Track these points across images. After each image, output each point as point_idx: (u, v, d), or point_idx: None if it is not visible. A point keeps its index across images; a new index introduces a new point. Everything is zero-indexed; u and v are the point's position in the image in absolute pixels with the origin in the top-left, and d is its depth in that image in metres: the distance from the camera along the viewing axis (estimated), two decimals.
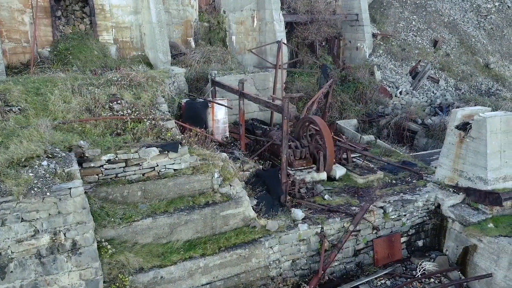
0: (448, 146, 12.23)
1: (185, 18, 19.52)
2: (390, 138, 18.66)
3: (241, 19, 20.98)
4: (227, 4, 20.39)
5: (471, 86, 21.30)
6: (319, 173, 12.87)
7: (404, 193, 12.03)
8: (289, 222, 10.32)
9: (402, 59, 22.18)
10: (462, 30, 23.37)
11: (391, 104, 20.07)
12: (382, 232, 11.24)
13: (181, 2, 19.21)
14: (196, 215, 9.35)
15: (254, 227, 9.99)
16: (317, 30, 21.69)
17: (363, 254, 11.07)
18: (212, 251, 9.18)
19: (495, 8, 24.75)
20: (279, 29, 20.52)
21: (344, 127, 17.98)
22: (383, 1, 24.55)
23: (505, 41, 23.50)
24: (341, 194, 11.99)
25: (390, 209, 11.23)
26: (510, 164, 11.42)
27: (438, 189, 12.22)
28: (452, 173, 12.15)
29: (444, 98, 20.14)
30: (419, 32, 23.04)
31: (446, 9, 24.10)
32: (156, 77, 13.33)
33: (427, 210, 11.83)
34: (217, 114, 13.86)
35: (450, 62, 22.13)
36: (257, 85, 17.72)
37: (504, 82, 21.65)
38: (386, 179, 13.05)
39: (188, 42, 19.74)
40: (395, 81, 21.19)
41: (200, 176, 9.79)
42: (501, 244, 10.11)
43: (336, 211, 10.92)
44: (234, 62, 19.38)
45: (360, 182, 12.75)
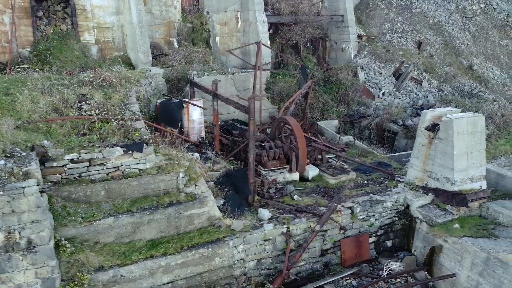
0: (418, 147, 12.31)
1: (167, 19, 19.61)
2: (371, 139, 18.76)
3: (224, 20, 21.07)
4: (211, 5, 20.48)
5: (454, 88, 21.38)
6: (291, 174, 12.95)
7: (374, 194, 12.10)
8: (255, 222, 10.39)
9: (386, 60, 22.27)
10: (447, 31, 23.46)
11: (373, 105, 20.14)
12: (350, 232, 11.31)
13: (164, 3, 19.31)
14: (159, 215, 9.43)
15: (219, 227, 10.06)
16: (301, 31, 21.78)
17: (330, 254, 11.14)
18: (174, 250, 9.25)
19: (480, 10, 24.83)
20: (262, 30, 20.61)
21: (325, 127, 18.06)
22: (369, 3, 24.65)
23: (489, 43, 23.58)
24: (311, 195, 12.07)
25: (358, 209, 11.30)
26: (477, 165, 11.51)
27: (409, 190, 12.30)
28: (422, 174, 12.24)
29: (426, 99, 20.22)
30: (403, 34, 23.13)
31: (431, 11, 24.19)
32: (131, 77, 13.44)
33: (396, 210, 11.91)
34: (192, 115, 13.94)
35: (434, 63, 22.22)
36: (238, 86, 17.80)
37: (487, 84, 21.73)
38: (358, 180, 13.13)
39: (171, 42, 19.83)
40: (378, 82, 21.28)
41: (165, 176, 9.87)
42: (464, 245, 10.18)
43: (304, 211, 11.00)
44: (216, 62, 19.46)
45: (332, 182, 12.83)
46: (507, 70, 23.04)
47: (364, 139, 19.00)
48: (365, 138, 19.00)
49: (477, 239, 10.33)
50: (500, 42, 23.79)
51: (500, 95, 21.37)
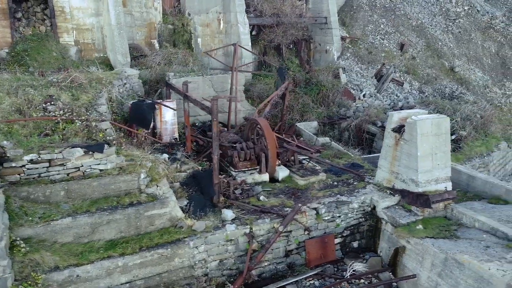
0: (386, 149, 12.37)
1: (148, 20, 19.69)
2: (350, 140, 18.83)
3: (206, 22, 21.14)
4: (192, 6, 20.56)
5: (435, 89, 21.45)
6: (261, 175, 13.00)
7: (342, 195, 12.15)
8: (217, 223, 10.44)
9: (369, 62, 22.34)
10: (430, 33, 23.54)
11: (354, 106, 20.21)
12: (315, 233, 11.36)
13: (144, 4, 19.38)
14: (119, 215, 9.47)
15: (181, 227, 10.11)
16: (283, 33, 21.85)
17: (295, 254, 11.18)
18: (133, 251, 9.30)
19: (464, 12, 24.92)
20: (243, 31, 20.69)
21: (303, 129, 18.11)
22: (353, 5, 24.73)
23: (472, 45, 23.66)
24: (278, 196, 12.12)
25: (323, 210, 11.35)
26: (442, 166, 11.57)
27: (376, 191, 12.36)
28: (389, 175, 12.29)
29: (407, 101, 20.29)
30: (386, 36, 23.21)
31: (415, 13, 24.28)
32: (102, 78, 13.50)
33: (363, 211, 11.96)
34: (165, 116, 14.00)
35: (416, 65, 22.30)
36: (216, 87, 17.86)
37: (468, 86, 21.80)
38: (328, 181, 13.18)
39: (152, 44, 19.91)
40: (359, 84, 21.35)
41: (126, 176, 9.92)
42: (425, 246, 10.23)
43: (268, 212, 11.05)
44: (197, 64, 19.51)
45: (301, 183, 12.89)
46: (489, 72, 23.12)
47: (344, 141, 19.07)
48: (344, 140, 19.07)
49: (438, 240, 10.38)
50: (483, 44, 23.87)
51: (481, 97, 21.46)
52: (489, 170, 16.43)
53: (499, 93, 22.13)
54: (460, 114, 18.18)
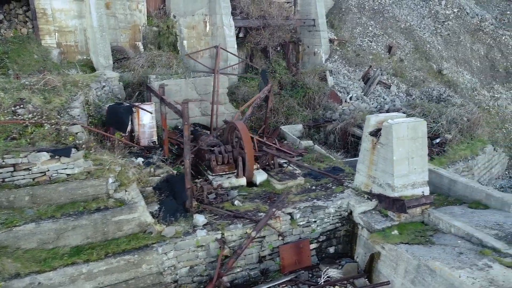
0: (363, 153, 12.21)
1: (132, 23, 19.54)
2: (336, 144, 18.67)
3: (192, 24, 21.01)
4: (177, 9, 20.42)
5: (423, 92, 21.29)
6: (238, 179, 12.83)
7: (318, 199, 11.98)
8: (188, 228, 10.27)
9: (356, 65, 22.20)
10: (418, 36, 23.41)
11: (340, 109, 20.05)
12: (290, 238, 11.18)
13: (128, 6, 19.24)
14: (85, 221, 9.30)
15: (150, 233, 9.94)
16: (270, 35, 21.71)
17: (268, 260, 11.00)
18: (98, 257, 9.11)
19: (453, 14, 24.79)
20: (229, 34, 20.55)
21: (287, 132, 17.95)
22: (342, 7, 24.61)
23: (461, 47, 23.51)
24: (254, 200, 11.94)
25: (298, 215, 11.18)
26: (419, 171, 11.40)
27: (354, 196, 12.18)
28: (367, 180, 12.12)
29: (393, 103, 20.13)
30: (374, 38, 23.07)
31: (403, 15, 24.15)
32: (78, 81, 13.33)
33: (339, 216, 11.78)
34: (143, 119, 13.83)
35: (404, 67, 22.16)
36: (199, 90, 17.71)
37: (456, 88, 21.64)
38: (306, 185, 13.01)
39: (137, 46, 19.75)
40: (346, 87, 21.20)
41: (94, 181, 9.74)
42: (399, 252, 10.05)
43: (241, 217, 10.87)
44: (181, 66, 19.36)
45: (278, 188, 12.71)
46: (478, 75, 22.97)
47: (329, 144, 18.92)
48: (330, 143, 18.92)
49: (413, 246, 10.20)
50: (472, 47, 23.72)
51: (469, 100, 21.31)
52: (473, 174, 16.26)
53: (488, 96, 21.97)
54: (446, 117, 18.02)
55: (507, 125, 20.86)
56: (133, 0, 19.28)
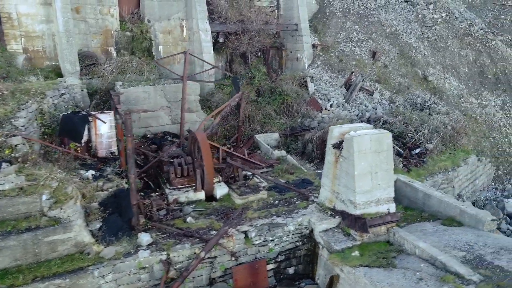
0: (327, 166, 11.47)
1: (104, 27, 18.92)
2: (313, 153, 17.89)
3: (168, 29, 20.38)
4: (152, 13, 19.80)
5: (407, 99, 20.53)
6: (196, 193, 12.11)
7: (279, 216, 11.22)
8: (130, 248, 9.54)
9: (339, 71, 21.47)
10: (403, 41, 22.67)
11: (319, 117, 19.31)
12: (244, 258, 10.43)
13: (100, 11, 18.63)
14: (13, 241, 8.60)
15: (87, 254, 9.23)
16: (249, 40, 21.05)
17: (220, 282, 10.24)
18: (24, 282, 8.39)
19: (441, 18, 24.03)
20: (205, 39, 19.91)
21: (261, 141, 17.22)
22: (327, 11, 23.92)
23: (448, 53, 22.73)
24: (209, 217, 11.21)
25: (253, 233, 10.43)
26: (383, 186, 10.63)
27: (317, 212, 11.43)
28: (331, 195, 11.37)
29: (375, 111, 19.37)
30: (359, 43, 22.35)
31: (389, 20, 23.43)
32: (30, 89, 12.70)
33: (300, 234, 11.03)
34: (100, 129, 13.14)
35: (388, 73, 21.40)
36: (169, 97, 17.02)
37: (442, 95, 20.85)
38: (269, 200, 12.26)
39: (109, 51, 19.13)
40: (327, 93, 20.46)
41: (26, 198, 9.05)
42: (357, 276, 9.28)
43: (191, 235, 10.14)
44: (155, 73, 18.72)
45: (238, 203, 11.97)
46: (465, 81, 22.17)
47: (307, 154, 18.15)
48: (308, 153, 18.14)
49: (372, 269, 9.42)
50: (460, 52, 22.93)
51: (455, 107, 20.51)
52: (453, 187, 15.46)
53: (475, 103, 21.16)
54: (428, 126, 17.24)
55: (494, 134, 20.04)
56: (105, 4, 18.67)
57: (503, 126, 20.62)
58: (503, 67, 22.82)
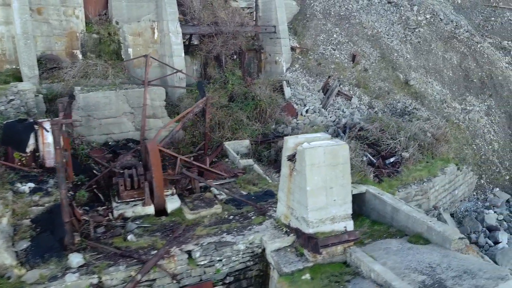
0: (283, 179, 10.66)
1: (69, 29, 18.13)
2: None
3: (138, 31, 19.59)
4: (120, 14, 19.01)
5: (387, 104, 19.71)
6: (145, 207, 11.29)
7: (229, 233, 10.39)
8: (57, 271, 8.73)
9: (317, 74, 20.68)
10: (385, 43, 21.86)
11: (294, 123, 18.50)
12: (188, 280, 9.60)
13: (64, 12, 17.84)
14: None
15: (8, 278, 8.42)
16: (224, 43, 20.26)
17: None
18: None
19: (426, 20, 23.23)
20: (175, 41, 19.11)
21: (229, 149, 16.40)
22: (307, 13, 23.14)
23: (432, 56, 21.92)
24: (155, 234, 10.39)
25: (198, 253, 9.61)
26: (340, 202, 9.80)
27: (272, 229, 10.61)
28: (286, 210, 10.54)
29: (351, 117, 18.56)
30: (338, 46, 21.56)
31: (371, 22, 22.63)
32: None
33: (251, 253, 10.19)
34: (48, 137, 12.33)
35: (368, 77, 20.60)
36: (132, 103, 16.21)
37: (424, 100, 20.04)
38: (224, 214, 11.43)
39: (75, 54, 18.34)
40: (304, 98, 19.66)
41: None
42: None
43: (129, 256, 9.33)
44: (122, 76, 17.92)
45: (189, 218, 11.15)
46: (449, 86, 21.35)
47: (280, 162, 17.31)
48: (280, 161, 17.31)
49: None
50: (445, 55, 22.11)
51: (437, 113, 19.70)
52: (429, 198, 14.64)
53: (459, 109, 20.34)
54: (405, 133, 16.43)
55: (477, 141, 19.21)
56: (69, 5, 17.88)
57: (487, 133, 19.79)
58: (489, 71, 21.99)
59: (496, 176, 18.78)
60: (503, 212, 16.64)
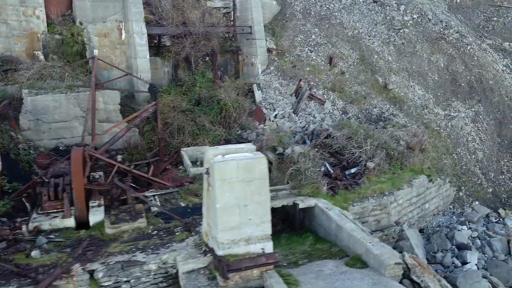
0: (204, 193, 9.79)
1: (29, 30, 17.68)
2: None
3: (104, 31, 19.02)
4: (84, 15, 18.48)
5: (362, 110, 18.58)
6: (64, 219, 10.62)
7: (143, 251, 9.62)
8: None
9: (291, 78, 19.72)
10: (365, 45, 20.70)
11: (260, 128, 17.62)
12: None
13: (23, 12, 17.41)
14: None
15: None
16: (194, 44, 19.52)
17: None
18: None
19: (412, 21, 21.94)
20: (140, 42, 18.50)
21: (184, 155, 15.62)
22: (286, 13, 22.19)
23: (416, 58, 20.64)
24: (64, 250, 9.69)
25: (101, 274, 8.86)
26: (256, 222, 8.89)
27: (192, 247, 9.82)
28: (207, 227, 9.69)
29: (321, 123, 17.53)
30: (316, 47, 20.53)
31: (352, 22, 21.50)
32: None
33: (165, 274, 9.40)
34: None
35: (344, 81, 19.51)
36: (83, 106, 15.60)
37: (403, 106, 18.82)
38: (148, 229, 10.67)
39: (36, 56, 17.88)
40: (275, 102, 18.74)
41: None
42: None
43: (25, 275, 8.65)
44: (81, 79, 17.35)
45: (109, 232, 10.42)
46: (434, 90, 20.04)
47: None
48: None
49: None
50: (430, 58, 20.79)
51: (417, 119, 18.46)
52: (389, 213, 13.52)
53: (441, 115, 19.02)
54: (373, 141, 15.32)
55: (459, 150, 17.88)
56: (28, 6, 17.43)
57: (471, 141, 18.44)
58: (478, 75, 20.57)
59: (477, 189, 17.44)
60: (478, 228, 15.32)
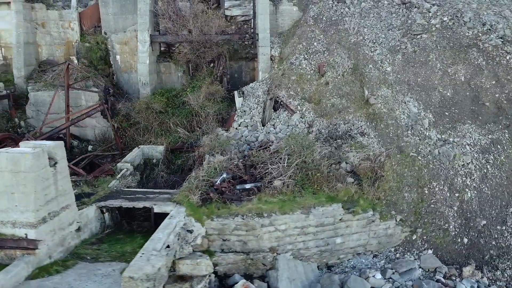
0: None
1: (66, 39, 22.04)
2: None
3: (124, 40, 22.08)
4: (108, 26, 21.88)
5: (330, 124, 16.59)
6: None
7: None
8: None
9: (276, 86, 18.98)
10: (363, 53, 18.13)
11: (220, 135, 17.77)
12: None
13: (61, 25, 21.82)
14: None
15: None
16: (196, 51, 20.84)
17: None
18: None
19: (441, 24, 18.06)
20: (142, 49, 20.86)
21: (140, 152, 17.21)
22: (302, 19, 21.27)
23: (425, 69, 16.95)
24: None
25: None
26: (21, 209, 9.96)
27: None
28: None
29: (273, 135, 16.55)
30: (312, 55, 19.13)
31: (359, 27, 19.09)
32: None
33: None
34: None
35: (324, 92, 17.67)
36: (71, 102, 18.77)
37: (379, 124, 15.94)
38: None
39: (71, 60, 22.16)
40: (247, 110, 18.51)
41: None
42: None
43: None
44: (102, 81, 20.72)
45: None
46: (438, 108, 16.12)
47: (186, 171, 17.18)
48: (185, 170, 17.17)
49: None
50: (447, 69, 16.76)
51: (392, 141, 15.54)
52: (258, 236, 12.28)
53: (433, 139, 15.34)
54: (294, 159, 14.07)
55: (435, 184, 14.27)
56: (65, 20, 21.76)
57: (463, 175, 14.42)
58: None
59: (439, 235, 13.65)
60: (402, 282, 12.16)
